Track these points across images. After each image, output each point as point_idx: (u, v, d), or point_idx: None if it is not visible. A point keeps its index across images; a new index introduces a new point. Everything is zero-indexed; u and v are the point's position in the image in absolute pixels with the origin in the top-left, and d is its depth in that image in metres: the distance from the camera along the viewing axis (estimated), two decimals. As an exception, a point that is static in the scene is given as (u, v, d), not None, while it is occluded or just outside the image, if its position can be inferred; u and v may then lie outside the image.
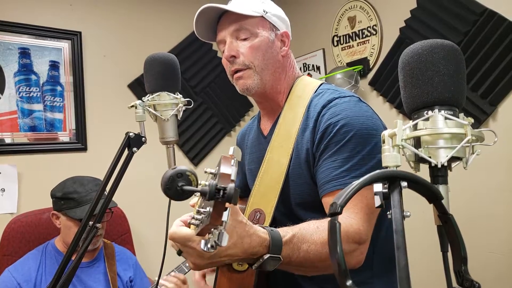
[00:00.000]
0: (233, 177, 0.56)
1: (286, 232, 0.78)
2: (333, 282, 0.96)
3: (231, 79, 1.05)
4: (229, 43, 1.01)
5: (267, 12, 1.02)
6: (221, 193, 0.52)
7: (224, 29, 1.02)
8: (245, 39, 1.00)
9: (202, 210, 0.60)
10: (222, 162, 0.59)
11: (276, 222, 1.05)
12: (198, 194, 0.59)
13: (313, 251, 0.79)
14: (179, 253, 0.78)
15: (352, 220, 0.84)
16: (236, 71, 1.02)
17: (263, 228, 0.77)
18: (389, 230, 0.99)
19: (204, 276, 1.14)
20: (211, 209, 0.53)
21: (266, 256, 0.74)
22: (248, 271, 0.95)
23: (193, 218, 0.63)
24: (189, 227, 0.76)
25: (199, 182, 0.60)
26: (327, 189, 0.89)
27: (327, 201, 0.90)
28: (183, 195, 0.58)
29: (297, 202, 0.99)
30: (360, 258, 0.86)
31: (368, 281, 0.96)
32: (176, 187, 0.57)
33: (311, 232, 0.81)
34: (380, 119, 0.97)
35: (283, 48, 1.06)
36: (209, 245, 0.58)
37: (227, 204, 0.54)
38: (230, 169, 0.57)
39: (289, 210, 1.01)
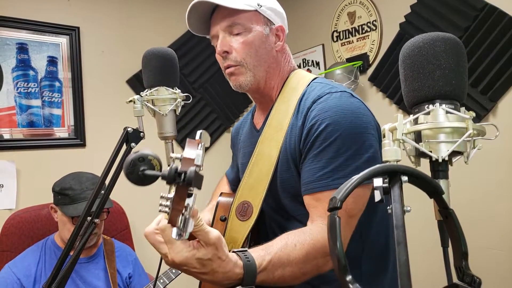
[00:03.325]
0: (197, 162, 0.54)
1: (263, 259, 0.77)
2: (320, 278, 0.95)
3: (224, 74, 1.04)
4: (222, 38, 0.98)
5: (261, 6, 0.98)
6: (182, 176, 0.51)
7: (217, 24, 0.99)
8: (238, 34, 0.97)
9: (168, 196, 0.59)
10: (186, 145, 0.58)
11: (264, 214, 1.04)
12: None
13: (289, 273, 0.79)
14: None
15: (324, 228, 0.82)
16: (228, 67, 1.00)
17: (241, 255, 0.76)
18: (379, 229, 0.98)
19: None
20: (174, 194, 0.53)
21: None
22: None
23: (161, 204, 0.61)
24: None
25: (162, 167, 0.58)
26: (309, 189, 0.88)
27: (308, 202, 0.89)
28: (144, 180, 0.56)
29: (285, 196, 0.98)
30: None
31: (356, 280, 0.95)
32: (137, 172, 0.56)
33: (289, 252, 0.80)
34: (373, 115, 0.94)
35: (278, 43, 1.02)
36: (175, 233, 0.58)
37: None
38: (194, 153, 0.55)
39: (277, 203, 1.00)
